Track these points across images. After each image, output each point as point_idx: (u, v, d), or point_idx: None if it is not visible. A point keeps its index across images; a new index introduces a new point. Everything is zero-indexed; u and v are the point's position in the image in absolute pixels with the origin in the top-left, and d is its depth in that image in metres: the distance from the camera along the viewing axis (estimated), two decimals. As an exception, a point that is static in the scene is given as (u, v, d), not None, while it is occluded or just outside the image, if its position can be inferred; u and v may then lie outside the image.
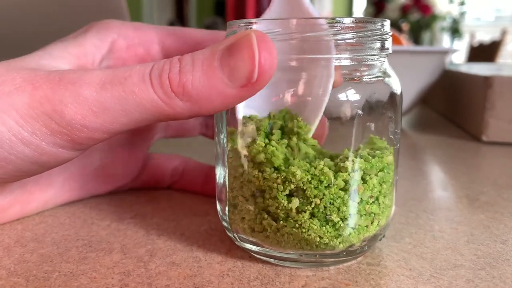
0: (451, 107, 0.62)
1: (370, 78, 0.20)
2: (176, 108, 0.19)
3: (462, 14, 3.42)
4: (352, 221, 0.20)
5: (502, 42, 2.14)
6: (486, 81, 0.47)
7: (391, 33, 0.21)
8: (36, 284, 0.19)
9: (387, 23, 0.20)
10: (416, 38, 3.06)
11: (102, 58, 0.25)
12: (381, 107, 0.20)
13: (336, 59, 0.19)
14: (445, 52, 0.55)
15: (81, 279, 0.20)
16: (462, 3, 3.37)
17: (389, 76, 0.21)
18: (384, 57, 0.21)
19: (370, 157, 0.20)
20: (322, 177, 0.19)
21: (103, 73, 0.20)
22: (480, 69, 0.63)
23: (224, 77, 0.19)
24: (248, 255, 0.22)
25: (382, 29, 0.20)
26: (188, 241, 0.23)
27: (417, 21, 3.06)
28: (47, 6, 0.39)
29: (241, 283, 0.20)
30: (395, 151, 0.22)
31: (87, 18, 0.28)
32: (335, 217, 0.19)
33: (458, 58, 2.61)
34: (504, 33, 2.22)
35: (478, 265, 0.21)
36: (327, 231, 0.20)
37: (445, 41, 3.43)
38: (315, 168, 0.19)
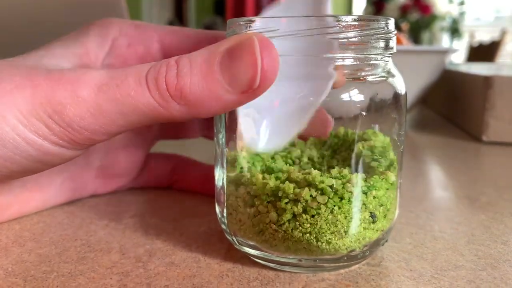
0: (451, 107, 0.61)
1: (374, 78, 0.20)
2: (173, 111, 0.19)
3: (462, 14, 3.41)
4: (353, 227, 0.19)
5: (502, 42, 2.14)
6: (486, 81, 0.47)
7: (395, 32, 0.20)
8: (34, 284, 0.19)
9: (392, 21, 0.20)
10: (415, 38, 3.05)
11: (104, 57, 0.25)
12: (385, 108, 0.20)
13: (339, 59, 0.19)
14: (445, 52, 0.55)
15: (80, 279, 0.20)
16: (461, 3, 3.37)
17: (393, 76, 0.21)
18: (389, 56, 0.20)
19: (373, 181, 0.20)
20: (321, 199, 0.19)
21: (101, 74, 0.19)
22: (480, 69, 0.63)
23: (224, 82, 0.18)
24: (247, 256, 0.22)
25: (386, 28, 0.20)
26: (188, 241, 0.23)
27: (417, 21, 3.06)
28: (46, 5, 0.39)
29: (241, 284, 0.19)
30: (399, 154, 0.21)
31: (86, 17, 0.28)
32: (335, 223, 0.19)
33: (457, 58, 2.60)
34: (503, 33, 2.22)
35: (479, 265, 0.21)
36: (327, 236, 0.19)
37: (445, 41, 3.43)
38: (316, 186, 0.19)
